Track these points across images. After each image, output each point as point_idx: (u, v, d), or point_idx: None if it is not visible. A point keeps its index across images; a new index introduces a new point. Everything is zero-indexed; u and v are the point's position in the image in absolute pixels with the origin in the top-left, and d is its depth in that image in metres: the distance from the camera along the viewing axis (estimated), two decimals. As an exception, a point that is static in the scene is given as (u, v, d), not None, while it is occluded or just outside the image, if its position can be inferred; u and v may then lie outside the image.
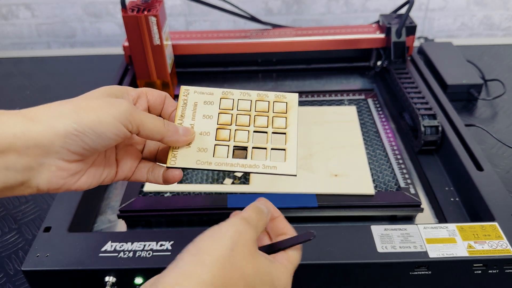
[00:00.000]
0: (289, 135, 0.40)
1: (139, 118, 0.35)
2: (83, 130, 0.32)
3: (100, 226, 0.57)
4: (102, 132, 0.33)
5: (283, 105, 0.41)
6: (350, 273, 0.46)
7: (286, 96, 0.41)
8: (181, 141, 0.38)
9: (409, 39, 0.81)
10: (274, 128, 0.40)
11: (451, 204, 0.57)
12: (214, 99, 0.41)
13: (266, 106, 0.41)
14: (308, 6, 1.13)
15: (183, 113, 0.40)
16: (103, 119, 0.33)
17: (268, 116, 0.41)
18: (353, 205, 0.56)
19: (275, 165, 0.39)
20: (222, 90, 0.42)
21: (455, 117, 0.66)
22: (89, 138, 0.32)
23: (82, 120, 0.32)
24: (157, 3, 0.70)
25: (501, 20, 1.16)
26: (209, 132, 0.40)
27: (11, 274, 0.53)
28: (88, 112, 0.32)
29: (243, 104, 0.41)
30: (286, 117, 0.41)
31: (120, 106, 0.34)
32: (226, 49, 0.83)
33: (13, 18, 1.15)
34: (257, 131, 0.40)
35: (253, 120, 0.40)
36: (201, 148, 0.39)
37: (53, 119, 0.32)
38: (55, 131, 0.31)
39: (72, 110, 0.32)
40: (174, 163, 0.38)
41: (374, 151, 0.66)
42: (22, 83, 0.92)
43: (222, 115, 0.41)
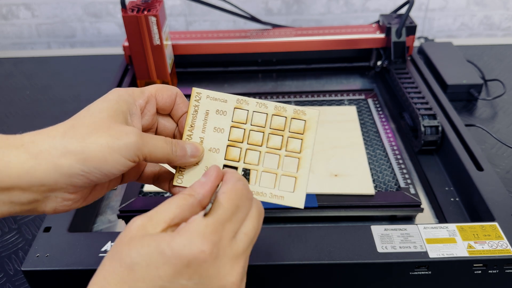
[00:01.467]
0: (303, 160, 0.38)
1: (147, 150, 0.33)
2: (90, 170, 0.31)
3: (100, 226, 0.57)
4: (109, 170, 0.32)
5: (301, 123, 0.38)
6: (350, 273, 0.46)
7: (306, 113, 0.38)
8: (189, 162, 0.37)
9: (409, 39, 0.81)
10: (287, 152, 0.38)
11: (451, 204, 0.57)
12: (227, 108, 0.38)
13: (283, 123, 0.38)
14: (308, 6, 1.13)
15: (193, 123, 0.38)
16: (110, 158, 0.31)
17: (283, 136, 0.38)
18: (353, 205, 0.56)
19: (282, 195, 0.37)
20: (237, 97, 0.39)
21: (455, 117, 0.66)
22: (95, 176, 0.31)
23: (88, 161, 0.31)
24: (157, 3, 0.70)
25: (501, 20, 1.16)
26: (219, 149, 0.38)
27: (11, 274, 0.53)
28: (94, 150, 0.31)
29: (257, 117, 0.38)
30: (302, 139, 0.38)
31: (128, 140, 0.32)
32: (226, 49, 0.83)
33: (13, 18, 1.15)
34: (269, 152, 0.38)
35: (267, 139, 0.38)
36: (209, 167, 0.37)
37: (58, 158, 0.30)
38: (61, 171, 0.30)
39: (77, 148, 0.31)
40: (181, 182, 0.37)
41: (374, 151, 0.65)
42: (22, 83, 0.92)
43: (234, 129, 0.38)
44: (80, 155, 0.30)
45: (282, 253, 0.45)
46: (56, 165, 0.30)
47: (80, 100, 0.85)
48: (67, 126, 0.32)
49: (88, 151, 0.31)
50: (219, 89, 0.85)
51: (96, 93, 0.89)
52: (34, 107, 0.83)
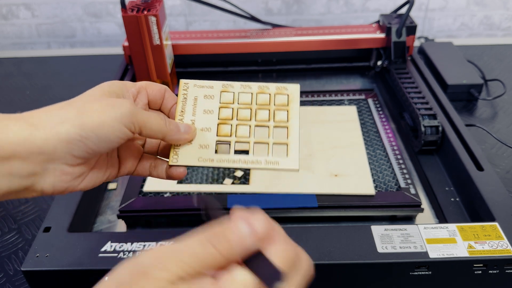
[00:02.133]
0: (291, 128, 0.40)
1: (141, 118, 0.34)
2: (87, 135, 0.32)
3: (100, 226, 0.57)
4: (106, 135, 0.32)
5: (285, 97, 0.41)
6: (350, 273, 0.46)
7: (288, 88, 0.41)
8: (183, 139, 0.38)
9: (409, 39, 0.81)
10: (275, 122, 0.40)
11: (451, 204, 0.57)
12: (214, 92, 0.41)
13: (267, 98, 0.41)
14: (308, 6, 1.12)
15: (183, 109, 0.40)
16: (106, 122, 0.32)
17: (269, 109, 0.41)
18: (353, 205, 0.56)
19: (277, 161, 0.39)
20: (222, 82, 0.42)
21: (455, 117, 0.66)
22: (93, 142, 0.32)
23: (85, 125, 0.32)
24: (157, 3, 0.70)
25: (501, 20, 1.16)
26: (210, 128, 0.40)
27: (10, 274, 0.53)
28: (91, 116, 0.32)
29: (243, 97, 0.41)
30: (288, 110, 0.40)
31: (123, 108, 0.33)
32: (226, 49, 0.83)
33: (13, 18, 1.15)
34: (259, 125, 0.40)
35: (255, 114, 0.40)
36: (202, 145, 0.39)
37: (56, 125, 0.31)
38: (59, 137, 0.31)
39: (75, 115, 0.32)
40: (176, 161, 0.38)
41: (374, 151, 0.65)
42: (22, 83, 0.92)
43: (223, 109, 0.41)
44: (77, 121, 0.32)
45: (282, 253, 0.45)
46: (54, 131, 0.31)
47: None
48: (62, 103, 0.34)
49: (85, 117, 0.32)
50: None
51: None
52: (34, 107, 0.82)
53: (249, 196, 0.57)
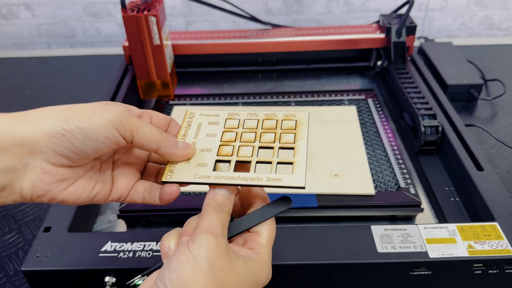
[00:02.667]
0: (298, 148, 0.36)
1: (134, 123, 0.32)
2: (71, 129, 0.30)
3: (100, 226, 0.57)
4: (92, 133, 0.31)
5: (292, 123, 0.38)
6: (350, 273, 0.46)
7: (296, 115, 0.39)
8: (180, 154, 0.36)
9: (409, 39, 0.81)
10: (281, 144, 0.37)
11: (451, 204, 0.57)
12: (219, 120, 0.39)
13: (274, 124, 0.38)
14: (308, 6, 1.12)
15: (185, 133, 0.38)
16: (94, 120, 0.31)
17: (275, 133, 0.38)
18: (353, 205, 0.56)
19: (280, 177, 0.35)
20: (229, 111, 0.40)
21: (455, 117, 0.66)
22: (77, 139, 0.31)
23: (71, 120, 0.30)
24: (157, 3, 0.70)
25: (501, 20, 1.16)
26: (211, 149, 0.37)
27: (11, 274, 0.53)
28: (79, 113, 0.31)
29: (249, 123, 0.39)
30: (295, 133, 0.38)
31: (114, 109, 0.32)
32: (226, 49, 0.83)
33: (13, 18, 1.15)
34: (263, 146, 0.37)
35: (259, 136, 0.38)
36: (200, 163, 0.36)
37: (42, 118, 0.31)
38: (42, 130, 0.30)
39: (62, 111, 0.31)
40: (170, 178, 0.36)
41: (374, 151, 0.65)
42: (22, 83, 0.92)
43: (226, 133, 0.38)
44: (62, 115, 0.31)
45: (282, 253, 0.45)
46: (38, 124, 0.30)
47: (80, 100, 0.85)
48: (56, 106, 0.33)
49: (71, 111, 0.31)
50: (219, 89, 0.85)
51: (96, 93, 0.89)
52: (34, 107, 0.83)
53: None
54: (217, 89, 0.85)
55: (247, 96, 0.81)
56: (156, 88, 0.77)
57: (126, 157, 0.38)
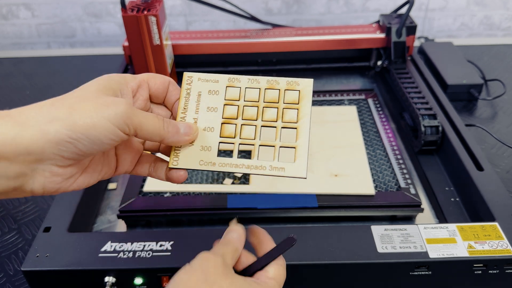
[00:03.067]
0: (301, 130, 0.37)
1: (137, 120, 0.32)
2: (77, 136, 0.30)
3: (100, 226, 0.57)
4: (97, 137, 0.31)
5: (295, 94, 0.38)
6: (350, 273, 0.46)
7: (299, 83, 0.38)
8: (183, 141, 0.36)
9: (409, 39, 0.81)
10: (284, 122, 0.37)
11: (451, 204, 0.57)
12: (219, 87, 0.38)
13: (277, 95, 0.38)
14: (308, 6, 1.12)
15: (186, 105, 0.38)
16: (98, 123, 0.30)
17: (278, 107, 0.37)
18: (353, 205, 0.56)
19: (283, 167, 0.36)
20: (228, 76, 0.39)
21: (455, 117, 0.66)
22: (83, 144, 0.30)
23: (75, 126, 0.30)
24: (157, 3, 0.70)
25: (501, 20, 1.16)
26: (213, 128, 0.37)
27: (10, 274, 0.52)
28: (82, 116, 0.30)
29: (251, 93, 0.38)
30: (298, 108, 0.37)
31: (117, 108, 0.31)
32: (226, 49, 0.83)
33: (13, 18, 1.15)
34: (265, 125, 0.37)
35: (261, 112, 0.37)
36: (204, 147, 0.37)
37: (45, 124, 0.30)
38: (47, 138, 0.29)
39: (65, 114, 0.30)
40: (177, 164, 0.36)
41: (374, 151, 0.65)
42: (22, 83, 0.92)
43: (228, 107, 0.38)
44: (67, 121, 0.30)
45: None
46: (42, 131, 0.29)
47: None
48: (55, 98, 0.32)
49: (76, 116, 0.30)
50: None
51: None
52: (34, 107, 0.83)
53: (249, 196, 0.57)
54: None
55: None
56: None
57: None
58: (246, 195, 0.57)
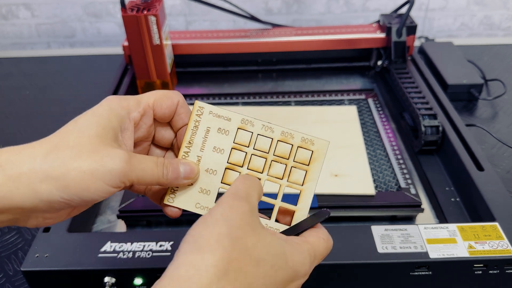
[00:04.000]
0: (304, 194, 0.35)
1: (134, 175, 0.31)
2: (70, 198, 0.29)
3: (100, 226, 0.57)
4: (90, 197, 0.30)
5: (308, 153, 0.36)
6: (350, 273, 0.45)
7: (314, 143, 0.36)
8: (182, 184, 0.34)
9: (410, 38, 0.81)
10: (289, 183, 0.35)
11: (451, 204, 0.57)
12: (230, 127, 0.36)
13: (288, 150, 0.36)
14: (308, 6, 1.12)
15: (191, 140, 0.35)
16: (92, 186, 0.29)
17: (286, 164, 0.35)
18: (354, 205, 0.55)
19: (277, 228, 0.35)
20: (242, 117, 0.36)
21: (456, 117, 0.66)
22: (76, 203, 0.30)
23: (68, 188, 0.29)
24: (157, 3, 0.70)
25: (501, 20, 1.16)
26: (216, 171, 0.35)
27: (10, 274, 0.52)
28: (76, 178, 0.29)
29: (261, 142, 0.36)
30: (307, 170, 0.35)
31: (113, 168, 0.30)
32: (226, 49, 0.83)
33: (13, 18, 1.15)
34: (270, 180, 0.36)
35: (269, 166, 0.35)
36: (203, 189, 0.35)
37: (37, 183, 0.29)
38: (40, 197, 0.29)
39: (58, 174, 0.29)
40: (172, 202, 0.35)
41: (374, 151, 0.65)
42: (22, 83, 0.92)
43: (235, 151, 0.35)
44: (60, 182, 0.29)
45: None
46: (35, 191, 0.29)
47: (80, 100, 0.85)
48: (50, 145, 0.30)
49: (69, 178, 0.29)
50: (219, 89, 0.85)
51: (96, 93, 0.89)
52: (34, 107, 0.83)
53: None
54: (217, 89, 0.85)
55: (247, 96, 0.81)
56: (156, 88, 0.76)
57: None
58: (246, 195, 0.57)
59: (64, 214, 0.33)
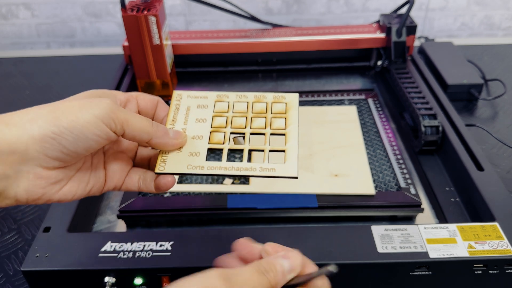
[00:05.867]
0: (289, 135, 0.37)
1: (123, 116, 0.32)
2: (60, 132, 0.30)
3: (100, 226, 0.57)
4: (82, 132, 0.30)
5: (282, 106, 0.39)
6: (350, 274, 0.46)
7: (286, 97, 0.39)
8: (171, 144, 0.36)
9: (410, 38, 0.81)
10: (272, 129, 0.38)
11: (451, 204, 0.57)
12: (208, 102, 0.39)
13: (264, 107, 0.39)
14: (308, 6, 1.12)
15: (174, 118, 0.38)
16: (83, 118, 0.30)
17: (266, 117, 0.38)
18: (353, 205, 0.55)
19: (273, 167, 0.36)
20: (217, 93, 0.40)
21: (456, 117, 0.66)
22: (68, 140, 0.30)
23: (59, 122, 0.30)
24: (157, 3, 0.70)
25: (502, 20, 1.16)
26: (202, 136, 0.37)
27: (10, 274, 0.52)
28: (66, 112, 0.30)
29: (239, 106, 0.39)
30: (286, 117, 0.38)
31: (102, 104, 0.31)
32: (226, 49, 0.83)
33: (13, 18, 1.15)
34: (254, 133, 0.38)
35: (250, 121, 0.38)
36: (193, 153, 0.36)
37: (29, 122, 0.30)
38: (31, 134, 0.29)
39: (49, 112, 0.30)
40: (163, 169, 0.36)
41: (374, 151, 0.65)
42: (22, 83, 0.92)
43: (217, 118, 0.38)
44: (50, 116, 0.30)
45: (282, 253, 0.45)
46: (26, 129, 0.30)
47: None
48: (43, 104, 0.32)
49: (59, 112, 0.30)
50: (219, 89, 0.85)
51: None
52: (34, 107, 0.83)
53: (249, 196, 0.57)
54: (217, 89, 0.85)
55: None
56: (156, 88, 0.77)
57: (116, 146, 0.38)
58: (246, 195, 0.57)
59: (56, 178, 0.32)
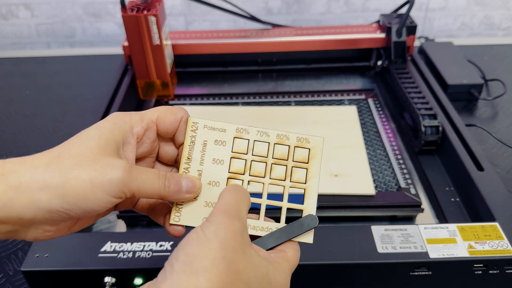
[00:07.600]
0: (309, 191, 0.36)
1: (135, 185, 0.31)
2: (69, 207, 0.29)
3: (100, 226, 0.57)
4: (90, 207, 0.30)
5: (305, 152, 0.36)
6: (350, 274, 0.45)
7: (310, 141, 0.36)
8: (185, 198, 0.35)
9: (410, 39, 0.81)
10: (292, 183, 0.36)
11: (451, 204, 0.57)
12: (226, 138, 0.36)
13: (286, 152, 0.36)
14: (308, 6, 1.12)
15: (190, 155, 0.36)
16: (92, 195, 0.29)
17: (286, 166, 0.36)
18: (354, 205, 0.55)
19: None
20: (236, 126, 0.36)
21: (456, 117, 0.66)
22: (76, 213, 0.30)
23: (68, 197, 0.29)
24: (157, 3, 0.70)
25: (502, 20, 1.16)
26: (219, 183, 0.35)
27: (10, 274, 0.52)
28: (76, 186, 0.29)
29: (259, 147, 0.36)
30: (307, 168, 0.36)
31: (113, 177, 0.30)
32: (226, 49, 0.83)
33: (13, 18, 1.15)
34: (273, 184, 0.36)
35: (270, 169, 0.36)
36: (208, 203, 0.35)
37: (37, 192, 0.29)
38: (39, 206, 0.29)
39: (58, 182, 0.29)
40: (179, 220, 0.35)
41: (374, 151, 0.65)
42: (22, 83, 0.92)
43: (235, 160, 0.36)
44: (59, 190, 0.29)
45: (282, 253, 0.45)
46: (34, 200, 0.29)
47: (80, 100, 0.85)
48: (52, 156, 0.30)
49: (68, 186, 0.29)
50: (219, 89, 0.85)
51: (96, 93, 0.88)
52: (34, 107, 0.83)
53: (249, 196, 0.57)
54: (217, 89, 0.85)
55: (247, 96, 0.81)
56: (156, 88, 0.77)
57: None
58: (246, 195, 0.57)
59: (65, 227, 0.33)
